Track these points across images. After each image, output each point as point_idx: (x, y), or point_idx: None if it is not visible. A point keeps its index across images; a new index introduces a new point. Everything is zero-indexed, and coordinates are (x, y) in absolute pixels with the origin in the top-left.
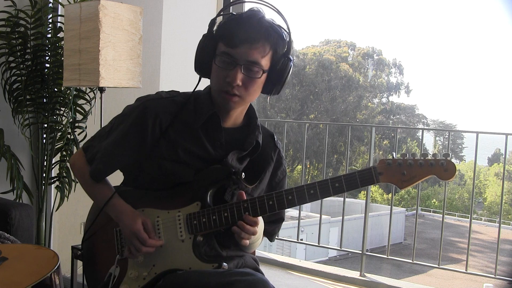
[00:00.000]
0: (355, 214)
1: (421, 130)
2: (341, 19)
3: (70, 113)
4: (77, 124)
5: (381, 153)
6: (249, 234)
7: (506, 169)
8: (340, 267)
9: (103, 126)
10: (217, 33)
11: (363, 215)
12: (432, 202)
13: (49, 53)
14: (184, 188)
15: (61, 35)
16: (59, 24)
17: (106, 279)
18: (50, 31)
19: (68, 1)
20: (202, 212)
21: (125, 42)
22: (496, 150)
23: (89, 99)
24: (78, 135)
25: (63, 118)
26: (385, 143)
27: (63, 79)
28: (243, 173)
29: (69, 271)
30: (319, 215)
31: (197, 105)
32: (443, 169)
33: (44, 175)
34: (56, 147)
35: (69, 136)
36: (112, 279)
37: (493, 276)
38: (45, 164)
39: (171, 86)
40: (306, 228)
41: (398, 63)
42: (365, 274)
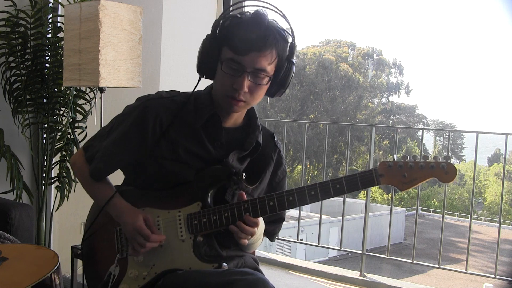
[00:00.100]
0: (355, 214)
1: (421, 130)
2: (341, 19)
3: (70, 113)
4: (77, 124)
5: (381, 153)
6: (247, 234)
7: (506, 169)
8: (340, 267)
9: (103, 126)
10: (221, 35)
11: (363, 215)
12: (432, 202)
13: (49, 53)
14: (184, 188)
15: (61, 35)
16: (59, 24)
17: (106, 278)
18: (50, 31)
19: (68, 1)
20: (203, 212)
21: (125, 42)
22: (496, 150)
23: (89, 99)
24: (78, 135)
25: (63, 118)
26: (385, 143)
27: (63, 79)
28: (243, 173)
29: (69, 271)
30: (319, 215)
31: (197, 105)
32: (444, 171)
33: (44, 175)
34: (56, 147)
35: (69, 136)
36: (112, 278)
37: (493, 276)
38: (45, 164)
39: (171, 86)
40: (306, 228)
41: (398, 63)
42: (365, 274)
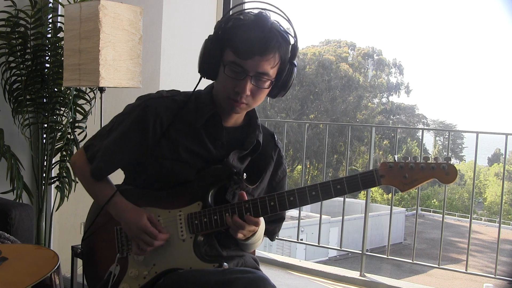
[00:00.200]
0: (355, 214)
1: (421, 130)
2: (341, 19)
3: (70, 113)
4: (77, 124)
5: (381, 153)
6: (243, 229)
7: (506, 169)
8: (340, 267)
9: (103, 126)
10: (224, 37)
11: (363, 215)
12: (432, 202)
13: (49, 53)
14: (185, 188)
15: (61, 35)
16: (59, 24)
17: (106, 278)
18: (50, 31)
19: (68, 1)
20: (203, 212)
21: (125, 42)
22: (496, 150)
23: (89, 99)
24: (78, 135)
25: (63, 118)
26: (385, 143)
27: (63, 79)
28: (244, 173)
29: (69, 271)
30: (319, 215)
31: (198, 105)
32: (445, 172)
33: (44, 175)
34: (56, 147)
35: (69, 136)
36: (112, 277)
37: (493, 276)
38: (45, 164)
39: (171, 86)
40: (306, 228)
41: (398, 63)
42: (365, 274)
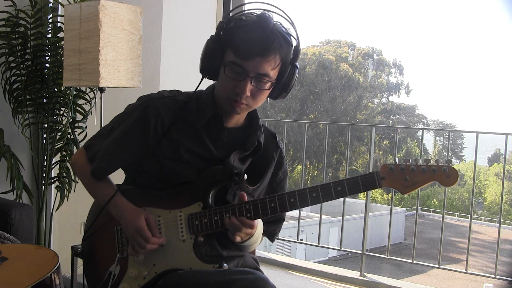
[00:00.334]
0: (355, 214)
1: (421, 130)
2: (341, 19)
3: (70, 113)
4: (77, 124)
5: (381, 153)
6: (240, 232)
7: (506, 169)
8: (340, 267)
9: (103, 126)
10: (225, 38)
11: (363, 215)
12: (432, 202)
13: (49, 53)
14: (185, 188)
15: (61, 35)
16: (59, 24)
17: (106, 278)
18: (50, 31)
19: (68, 1)
20: (204, 212)
21: (125, 42)
22: (496, 150)
23: (89, 99)
24: (78, 135)
25: (63, 118)
26: (385, 143)
27: (63, 79)
28: (245, 174)
29: (69, 271)
30: (319, 215)
31: (199, 105)
32: (446, 175)
33: (44, 175)
34: (56, 147)
35: (69, 136)
36: (112, 277)
37: (493, 276)
38: (45, 164)
39: (171, 86)
40: (306, 228)
41: (398, 63)
42: (365, 274)
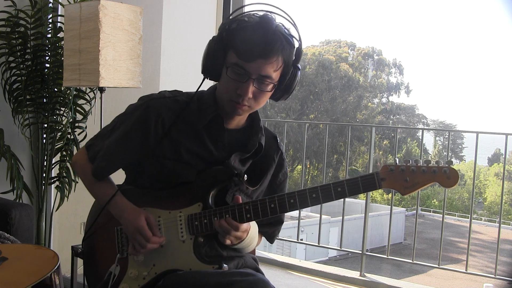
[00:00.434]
0: (355, 214)
1: (421, 130)
2: (341, 19)
3: (70, 113)
4: (77, 124)
5: (381, 153)
6: (228, 234)
7: (506, 169)
8: (340, 267)
9: (103, 126)
10: (228, 39)
11: (363, 215)
12: (432, 202)
13: (49, 53)
14: (186, 189)
15: (61, 35)
16: (59, 24)
17: (106, 278)
18: (50, 31)
19: (68, 1)
20: (204, 213)
21: (125, 42)
22: (496, 150)
23: (89, 99)
24: (78, 135)
25: (63, 118)
26: (385, 143)
27: (63, 79)
28: (245, 175)
29: (69, 271)
30: (319, 215)
31: (200, 106)
32: (446, 176)
33: (44, 175)
34: (56, 147)
35: (69, 136)
36: (112, 277)
37: (493, 276)
38: (45, 164)
39: (171, 86)
40: (306, 228)
41: (398, 63)
42: (365, 274)
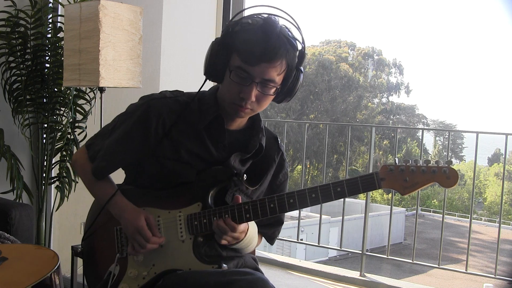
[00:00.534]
0: (355, 214)
1: (421, 130)
2: (341, 19)
3: (70, 113)
4: (77, 124)
5: (381, 153)
6: (225, 235)
7: (506, 169)
8: (340, 267)
9: (103, 126)
10: (231, 42)
11: (363, 215)
12: (432, 202)
13: (49, 53)
14: (185, 188)
15: (61, 35)
16: (59, 24)
17: (105, 278)
18: (50, 31)
19: (68, 1)
20: (203, 213)
21: (125, 42)
22: (496, 150)
23: (89, 99)
24: (78, 135)
25: (63, 118)
26: (385, 143)
27: (63, 79)
28: (245, 174)
29: (69, 271)
30: (319, 215)
31: (201, 106)
32: (446, 176)
33: (44, 175)
34: (56, 147)
35: (69, 136)
36: (112, 277)
37: (493, 276)
38: (45, 164)
39: (171, 86)
40: (306, 228)
41: (398, 63)
42: (365, 274)
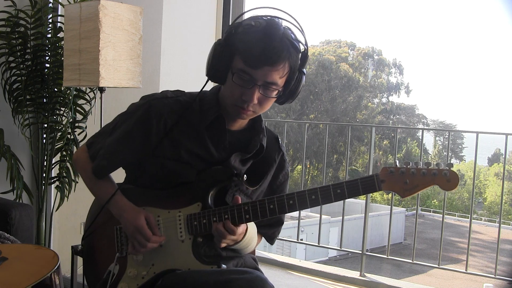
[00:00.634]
0: (355, 214)
1: (421, 130)
2: (341, 19)
3: (70, 113)
4: (77, 124)
5: (381, 153)
6: (224, 238)
7: (506, 169)
8: (340, 267)
9: (106, 124)
10: (234, 44)
11: (363, 215)
12: (432, 202)
13: (49, 53)
14: (185, 188)
15: (61, 35)
16: (59, 24)
17: (105, 277)
18: (50, 31)
19: (68, 1)
20: (203, 213)
21: (125, 42)
22: (496, 150)
23: (89, 99)
24: (78, 135)
25: (63, 118)
26: (385, 143)
27: (63, 79)
28: (245, 175)
29: (69, 271)
30: (319, 215)
31: (202, 106)
32: (446, 179)
33: (44, 175)
34: (56, 147)
35: (69, 136)
36: (111, 276)
37: (493, 276)
38: (45, 164)
39: (171, 86)
40: (306, 228)
41: (398, 63)
42: (365, 274)
